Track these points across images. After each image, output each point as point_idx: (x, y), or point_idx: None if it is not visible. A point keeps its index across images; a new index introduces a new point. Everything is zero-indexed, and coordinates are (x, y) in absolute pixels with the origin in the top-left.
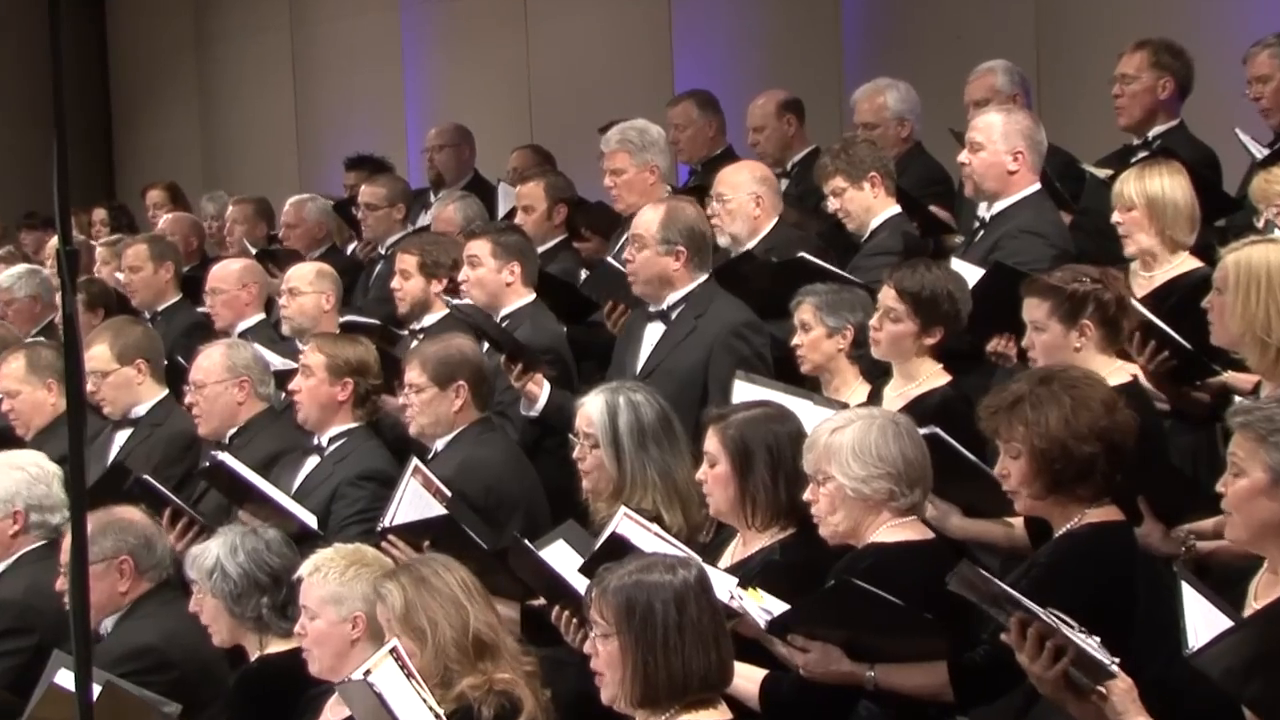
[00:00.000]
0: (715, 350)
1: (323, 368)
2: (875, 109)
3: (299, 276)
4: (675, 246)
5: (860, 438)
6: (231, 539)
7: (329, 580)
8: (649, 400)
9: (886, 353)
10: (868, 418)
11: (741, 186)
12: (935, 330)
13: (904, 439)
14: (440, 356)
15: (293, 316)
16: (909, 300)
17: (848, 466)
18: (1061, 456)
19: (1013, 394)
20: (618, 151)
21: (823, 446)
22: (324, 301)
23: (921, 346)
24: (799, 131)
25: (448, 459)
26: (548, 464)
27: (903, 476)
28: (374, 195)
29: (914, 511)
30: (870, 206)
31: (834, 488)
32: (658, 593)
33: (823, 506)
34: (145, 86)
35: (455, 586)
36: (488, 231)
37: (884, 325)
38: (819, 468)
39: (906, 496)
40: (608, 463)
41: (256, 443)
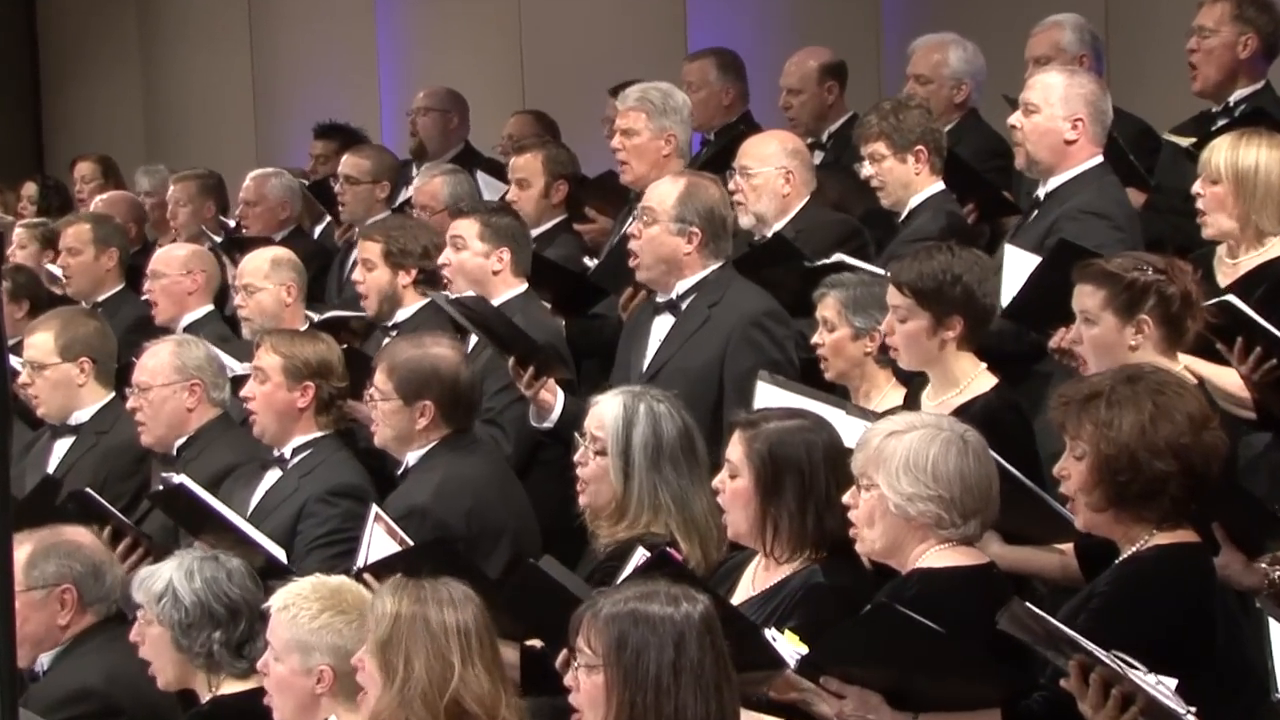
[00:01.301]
0: (733, 343)
1: (279, 370)
2: (932, 65)
3: (252, 270)
4: (690, 227)
5: (916, 450)
6: (188, 562)
7: (299, 623)
8: (672, 414)
9: (908, 358)
10: (932, 428)
11: (770, 159)
12: (952, 321)
13: (968, 460)
14: (410, 366)
15: (251, 316)
16: (910, 293)
17: (895, 479)
18: (1129, 468)
19: (1091, 387)
20: (634, 110)
21: (874, 450)
22: (284, 294)
23: (945, 343)
24: (839, 99)
25: (421, 480)
26: (544, 479)
27: (956, 503)
28: (357, 168)
29: (964, 542)
30: (910, 183)
31: (876, 498)
32: (655, 626)
33: (861, 515)
34: (78, 42)
35: (453, 636)
36: (476, 211)
37: (894, 329)
38: (865, 471)
39: (957, 527)
40: (613, 476)
41: (209, 454)
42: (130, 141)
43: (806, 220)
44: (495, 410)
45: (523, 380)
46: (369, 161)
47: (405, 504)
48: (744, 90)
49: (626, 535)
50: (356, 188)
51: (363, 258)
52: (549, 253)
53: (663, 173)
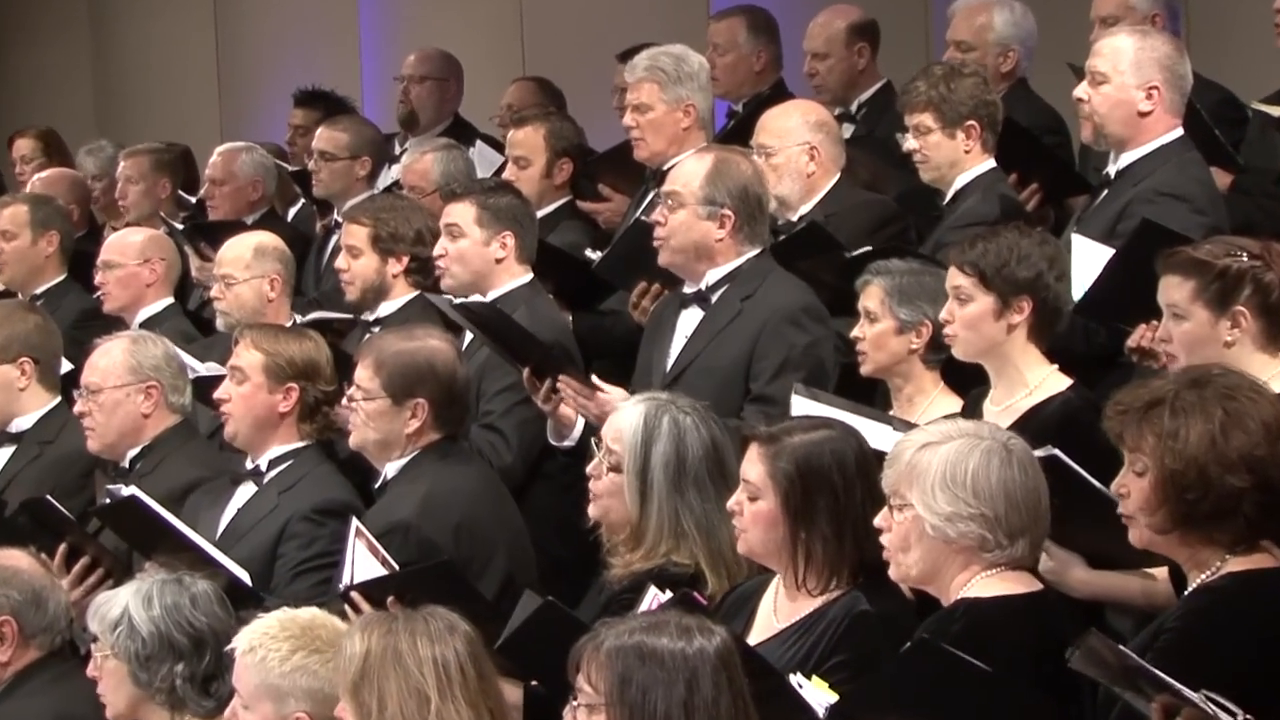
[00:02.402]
0: (763, 339)
1: (260, 369)
2: (975, 29)
3: (232, 259)
4: (721, 210)
5: (954, 463)
6: (147, 587)
7: (268, 667)
8: (699, 427)
9: (967, 346)
10: (972, 437)
11: (791, 135)
12: (1019, 302)
13: (1013, 473)
14: (402, 362)
15: (229, 311)
16: (972, 271)
17: (931, 497)
18: (1197, 484)
19: (1152, 393)
20: (645, 82)
21: (906, 465)
22: (267, 287)
23: (1012, 328)
24: (871, 64)
25: (404, 492)
26: (546, 495)
27: (1001, 522)
28: (333, 142)
29: (1013, 566)
30: (958, 160)
31: (911, 519)
32: (664, 661)
33: (894, 539)
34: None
35: (429, 669)
36: (472, 192)
37: (954, 314)
38: (897, 490)
39: (1003, 548)
40: (628, 497)
41: (168, 467)
42: (77, 115)
43: (836, 202)
44: (495, 414)
45: (539, 393)
46: (347, 135)
47: (386, 519)
48: (777, 54)
49: (644, 565)
50: (333, 164)
51: (347, 243)
52: (551, 239)
53: (683, 148)
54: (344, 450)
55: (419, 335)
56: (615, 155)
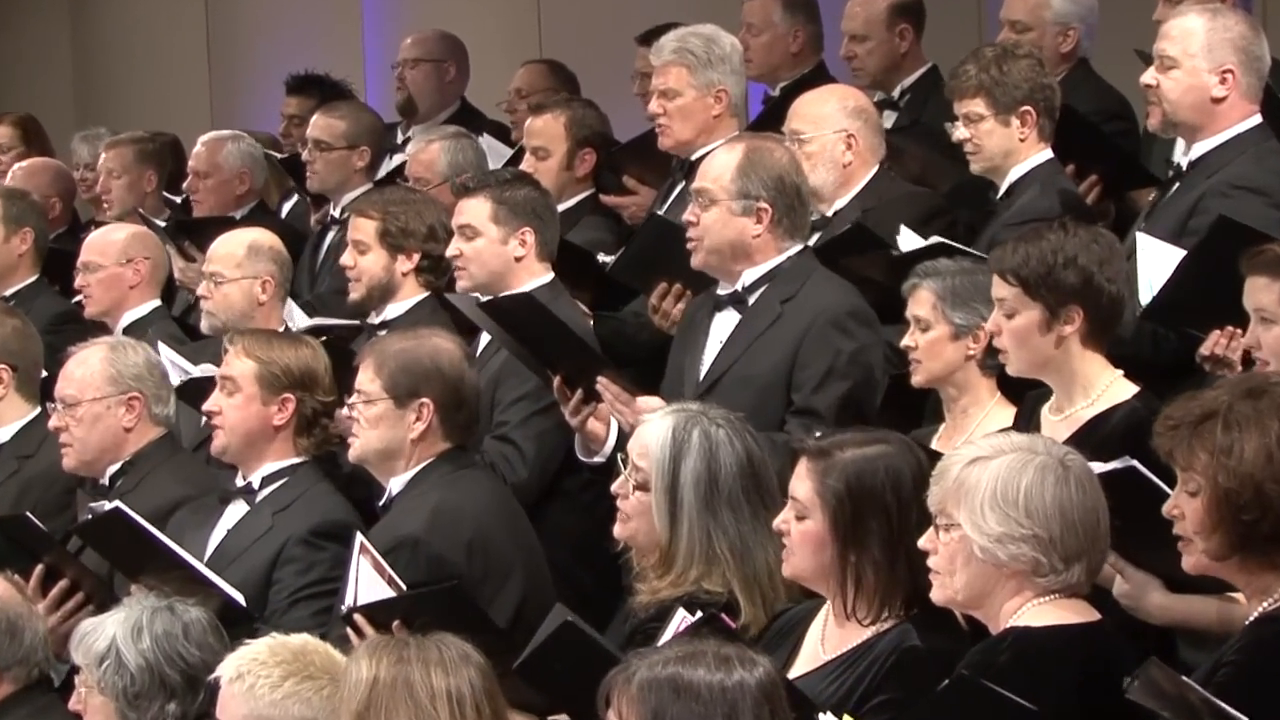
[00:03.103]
0: (806, 345)
1: (253, 379)
2: (1031, 8)
3: (222, 256)
4: (757, 203)
5: (1006, 480)
6: (136, 615)
7: (257, 695)
8: (732, 441)
9: (1019, 361)
10: (1025, 451)
11: (826, 121)
12: (1070, 311)
13: (1070, 491)
14: (405, 359)
15: (215, 312)
16: (1015, 281)
17: (981, 516)
18: (1254, 504)
19: (1204, 405)
20: (672, 66)
21: (953, 481)
22: (259, 289)
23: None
24: (914, 47)
25: (412, 506)
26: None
27: (1056, 545)
28: (329, 130)
29: (1069, 593)
30: (1012, 150)
31: (958, 540)
32: (700, 695)
33: (941, 561)
34: None
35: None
36: (487, 185)
37: (1001, 327)
38: (944, 508)
39: (1058, 573)
40: (657, 517)
41: (151, 484)
42: (54, 101)
43: (875, 195)
44: (510, 424)
45: (569, 404)
46: (344, 122)
47: (392, 534)
48: (816, 34)
49: (672, 593)
50: (328, 154)
51: (354, 237)
52: (571, 236)
53: (713, 137)
54: (346, 465)
55: (423, 334)
56: (641, 145)
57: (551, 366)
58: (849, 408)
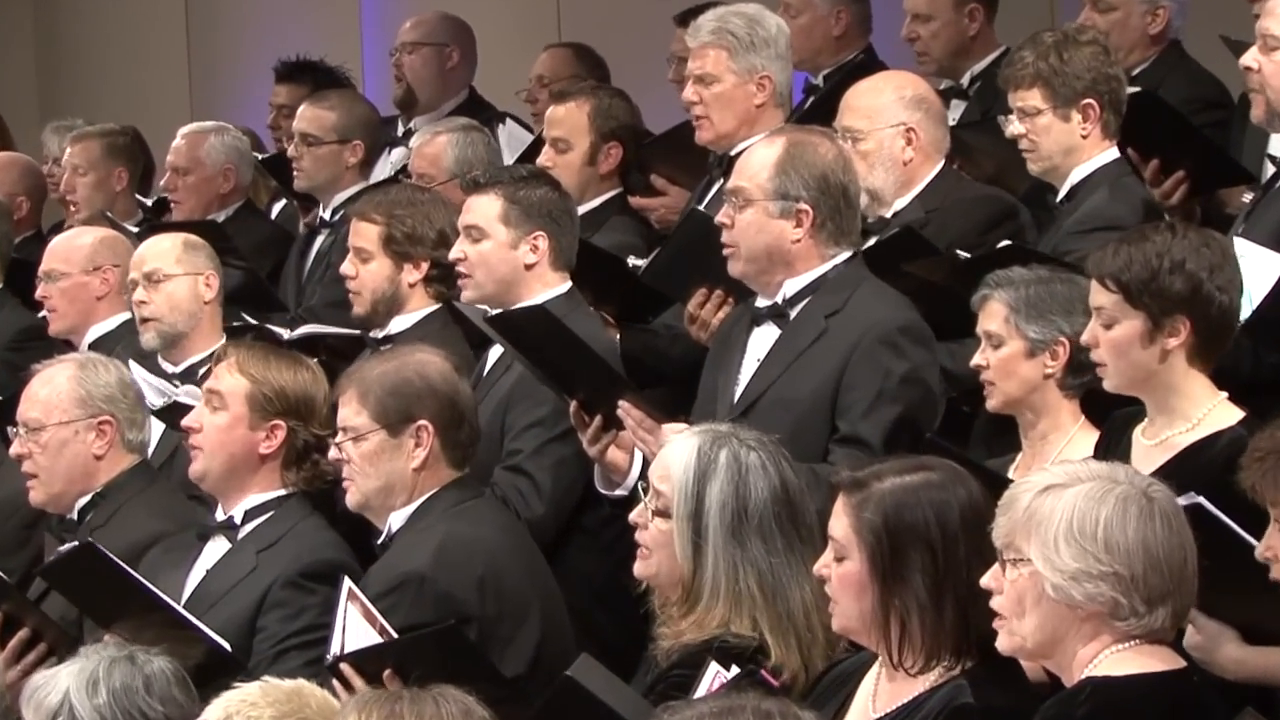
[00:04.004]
0: (853, 365)
1: (243, 398)
2: None
3: (158, 253)
4: (796, 205)
5: (1083, 510)
6: (92, 667)
7: None
8: (766, 465)
9: (1118, 376)
10: (1105, 480)
11: (883, 114)
12: (1174, 323)
13: (1155, 526)
14: (390, 382)
15: (159, 316)
16: (1116, 287)
17: (1054, 550)
18: None
19: None
20: (711, 48)
21: (1023, 512)
22: (202, 286)
23: (1166, 354)
24: (985, 28)
25: (413, 543)
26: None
27: (1139, 584)
28: (317, 122)
29: (1152, 639)
30: (1073, 148)
31: (1027, 577)
32: None
33: (1007, 602)
34: None
35: None
36: (498, 182)
37: (1098, 338)
38: (1012, 541)
39: (1139, 617)
40: (679, 547)
41: (125, 518)
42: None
43: (939, 195)
44: (523, 453)
45: (588, 431)
46: (334, 114)
47: (395, 572)
48: (863, 15)
49: (696, 635)
50: (316, 150)
51: (355, 244)
52: (596, 239)
53: (755, 129)
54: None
55: (401, 353)
56: (673, 139)
57: (568, 388)
58: (901, 436)
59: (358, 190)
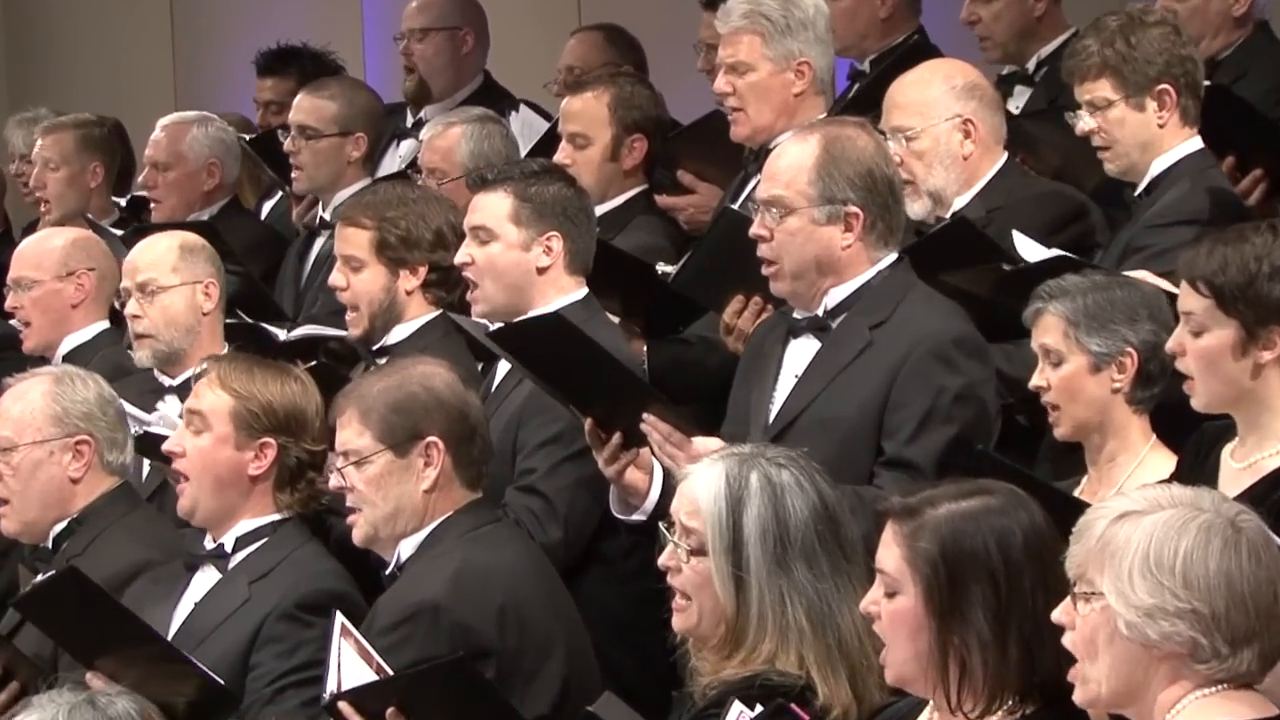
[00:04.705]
0: (901, 381)
1: (227, 416)
2: None
3: (152, 260)
4: (843, 207)
5: (1161, 540)
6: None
7: None
8: (802, 483)
9: (1207, 391)
10: (1187, 508)
11: (935, 107)
12: (1271, 333)
13: (1241, 559)
14: (392, 399)
15: (153, 331)
16: (1209, 291)
17: (1128, 584)
18: None
19: None
20: (743, 33)
21: (1096, 541)
22: (201, 297)
23: (1260, 368)
24: (1052, 8)
25: (426, 570)
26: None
27: (1220, 623)
28: (316, 113)
29: (1238, 684)
30: (1151, 139)
31: (1100, 612)
32: None
33: (1079, 640)
34: None
35: None
36: (508, 178)
37: (1184, 346)
38: (1084, 573)
39: (1222, 659)
40: (719, 586)
41: (105, 547)
42: None
43: (1002, 193)
44: (537, 473)
45: (604, 451)
46: (334, 103)
47: (407, 602)
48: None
49: (738, 673)
50: (316, 143)
51: (344, 252)
52: (620, 242)
53: (794, 121)
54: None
55: (401, 365)
56: (702, 131)
57: (584, 403)
58: (955, 459)
59: (363, 187)
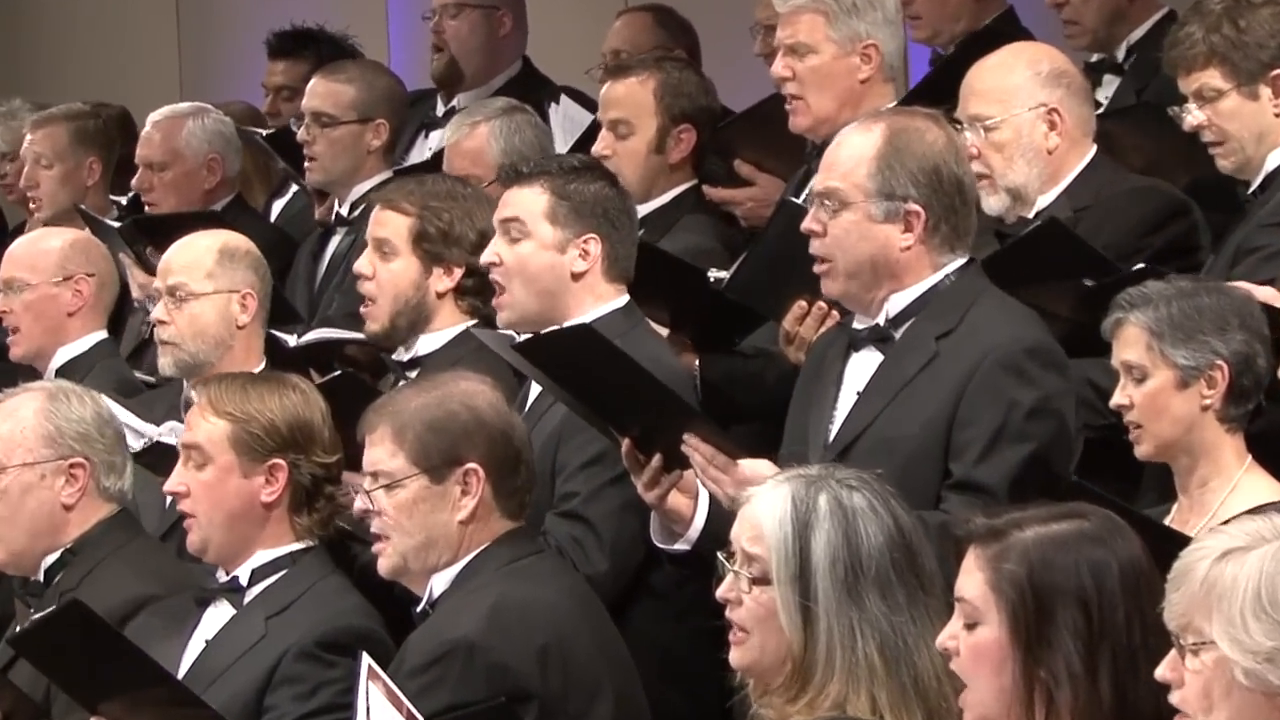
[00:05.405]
0: (970, 396)
1: (227, 444)
2: None
3: (185, 264)
4: (904, 204)
5: (1272, 576)
6: None
7: None
8: (876, 507)
9: None
10: None
11: (1017, 95)
12: None
13: None
14: (430, 417)
15: (179, 341)
16: None
17: (1241, 628)
18: None
19: None
20: (804, 13)
21: (1200, 586)
22: (237, 306)
23: None
24: None
25: (460, 606)
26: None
27: None
28: (332, 98)
29: None
30: (1267, 130)
31: (1213, 664)
32: None
33: (1191, 696)
34: None
35: None
36: (544, 173)
37: None
38: (1189, 623)
39: None
40: (785, 618)
41: (102, 580)
42: None
43: (1091, 190)
44: (579, 497)
45: (643, 475)
46: (352, 87)
47: (440, 640)
48: None
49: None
50: (332, 131)
51: (378, 235)
52: (667, 244)
53: (860, 109)
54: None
55: (441, 381)
56: (760, 115)
57: (620, 423)
58: (1030, 480)
59: (383, 180)
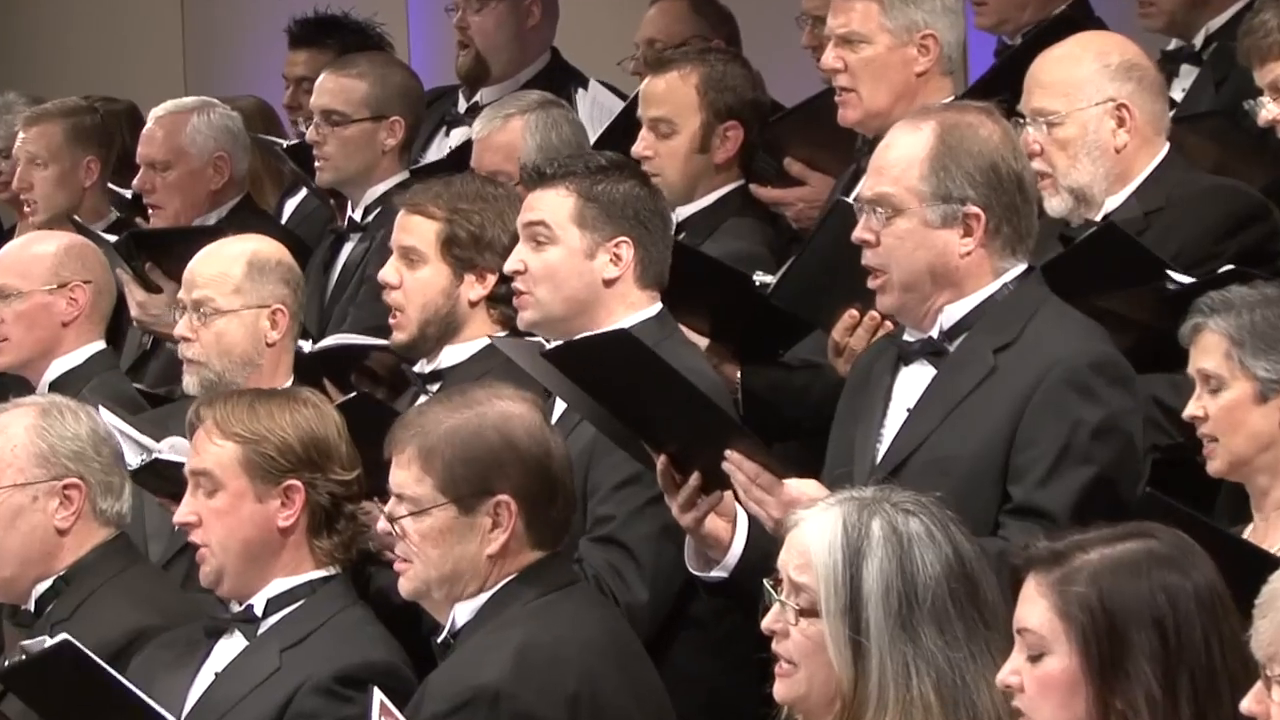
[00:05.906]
0: (1031, 414)
1: (238, 468)
2: None
3: (212, 276)
4: (961, 208)
5: None
6: None
7: None
8: (934, 533)
9: None
10: None
11: (1084, 88)
12: None
13: None
14: (461, 442)
15: (204, 359)
16: None
17: None
18: None
19: None
20: (857, 1)
21: None
22: (267, 322)
23: None
24: None
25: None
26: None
27: None
28: (343, 94)
29: None
30: None
31: None
32: None
33: None
34: None
35: None
36: (570, 173)
37: None
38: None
39: None
40: (835, 652)
41: (97, 609)
42: None
43: (1162, 191)
44: (617, 520)
45: (679, 496)
46: (364, 83)
47: (463, 684)
48: None
49: None
50: (344, 130)
51: (404, 243)
52: (710, 248)
53: (914, 105)
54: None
55: (478, 399)
56: (813, 113)
57: (655, 440)
58: (1094, 506)
59: (399, 182)
